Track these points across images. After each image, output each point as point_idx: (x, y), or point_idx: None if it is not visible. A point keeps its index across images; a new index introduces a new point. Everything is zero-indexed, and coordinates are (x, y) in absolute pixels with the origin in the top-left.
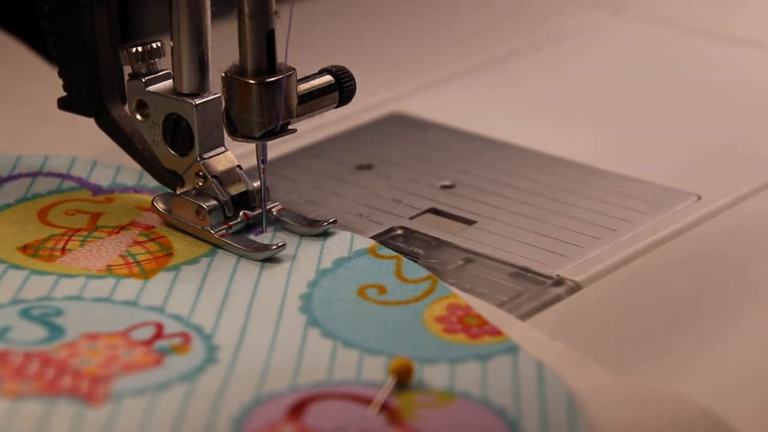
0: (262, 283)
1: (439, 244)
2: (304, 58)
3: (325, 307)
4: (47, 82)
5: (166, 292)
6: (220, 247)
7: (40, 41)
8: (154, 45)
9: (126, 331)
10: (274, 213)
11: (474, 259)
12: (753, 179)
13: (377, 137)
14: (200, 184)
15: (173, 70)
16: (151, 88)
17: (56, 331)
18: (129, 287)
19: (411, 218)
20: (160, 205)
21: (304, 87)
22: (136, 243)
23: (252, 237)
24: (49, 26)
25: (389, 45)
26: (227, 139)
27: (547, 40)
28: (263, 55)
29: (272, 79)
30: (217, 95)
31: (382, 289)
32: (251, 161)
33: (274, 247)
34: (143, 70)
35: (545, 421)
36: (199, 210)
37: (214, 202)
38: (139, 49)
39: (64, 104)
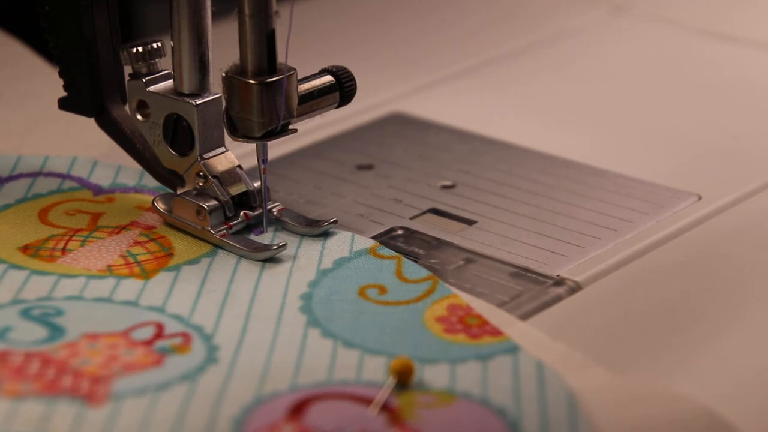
0: (263, 283)
1: (439, 244)
2: (304, 58)
3: (326, 307)
4: (47, 82)
5: (166, 292)
6: (221, 247)
7: (40, 41)
8: (154, 45)
9: (126, 331)
10: (275, 213)
11: (474, 259)
12: (753, 179)
13: (377, 137)
14: (201, 184)
15: (174, 70)
16: (152, 88)
17: (57, 331)
18: (129, 287)
19: (411, 218)
20: (160, 205)
21: (304, 87)
22: (137, 243)
23: (252, 237)
24: (49, 26)
25: (389, 45)
26: (227, 139)
27: (547, 40)
28: (264, 55)
29: (273, 79)
30: (217, 95)
31: (382, 290)
32: (251, 161)
33: (275, 247)
34: (144, 70)
35: (546, 420)
36: (199, 210)
37: (214, 203)
38: (140, 49)
39: (64, 104)
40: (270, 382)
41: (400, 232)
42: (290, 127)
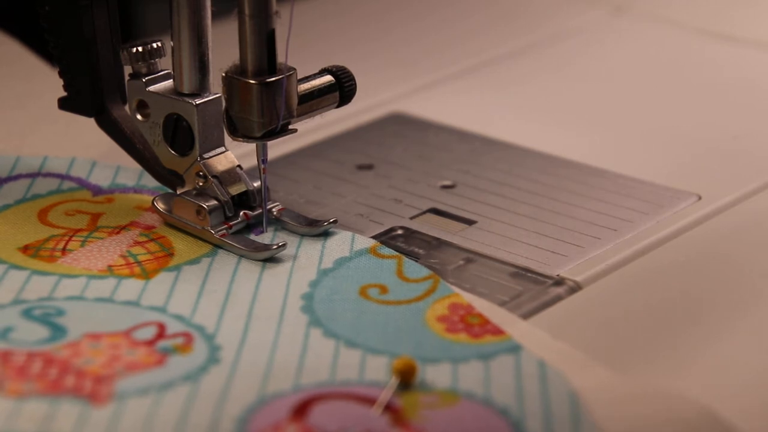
0: (264, 283)
1: (439, 244)
2: (304, 58)
3: (327, 306)
4: (47, 82)
5: (167, 292)
6: (221, 247)
7: (40, 41)
8: (154, 45)
9: (128, 331)
10: (275, 213)
11: (474, 259)
12: (753, 179)
13: (377, 137)
14: (200, 184)
15: (173, 70)
16: (152, 88)
17: (58, 331)
18: (130, 287)
19: (411, 218)
20: (160, 205)
21: (304, 87)
22: (137, 243)
23: (252, 237)
24: (49, 26)
25: (389, 45)
26: (227, 139)
27: (547, 40)
28: (263, 55)
29: (272, 79)
30: (217, 95)
31: (383, 289)
32: (251, 161)
33: (275, 247)
34: (144, 70)
35: (549, 419)
36: (199, 210)
37: (214, 202)
38: (140, 49)
39: (64, 104)
40: (273, 382)
41: (400, 232)
42: (290, 127)
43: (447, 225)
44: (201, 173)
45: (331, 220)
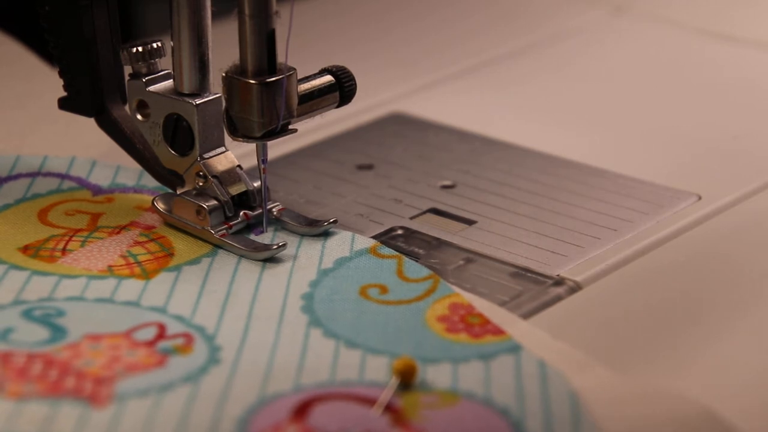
0: (264, 283)
1: (439, 244)
2: (304, 58)
3: (327, 306)
4: (47, 82)
5: (167, 292)
6: (221, 247)
7: (40, 41)
8: (154, 45)
9: (128, 332)
10: (275, 213)
11: (474, 259)
12: (753, 179)
13: (377, 137)
14: (201, 184)
15: (174, 70)
16: (152, 88)
17: (58, 332)
18: (130, 288)
19: (411, 218)
20: (160, 205)
21: (304, 87)
22: (137, 243)
23: (252, 237)
24: (49, 26)
25: (389, 45)
26: (227, 139)
27: (547, 40)
28: (264, 55)
29: (273, 79)
30: (217, 95)
31: (383, 289)
32: (251, 161)
33: (275, 247)
34: (144, 70)
35: (549, 419)
36: (199, 210)
37: (214, 202)
38: (140, 49)
39: (64, 104)
40: (273, 383)
41: (400, 232)
42: (290, 127)
43: (447, 225)
44: (201, 173)
45: (331, 220)
